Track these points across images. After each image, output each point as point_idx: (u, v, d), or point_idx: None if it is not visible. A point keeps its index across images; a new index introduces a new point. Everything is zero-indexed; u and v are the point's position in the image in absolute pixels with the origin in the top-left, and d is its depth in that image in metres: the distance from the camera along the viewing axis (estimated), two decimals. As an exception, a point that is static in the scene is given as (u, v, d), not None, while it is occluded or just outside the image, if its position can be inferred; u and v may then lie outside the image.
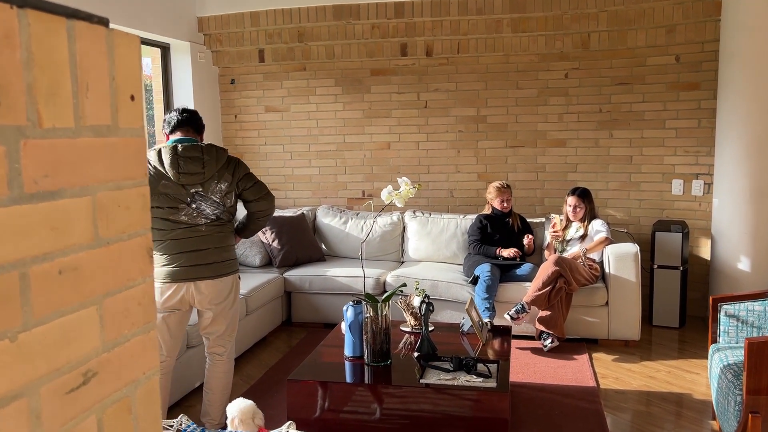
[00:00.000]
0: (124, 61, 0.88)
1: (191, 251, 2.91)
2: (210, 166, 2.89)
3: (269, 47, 5.63)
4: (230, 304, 3.09)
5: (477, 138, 5.46)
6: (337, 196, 5.76)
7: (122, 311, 0.88)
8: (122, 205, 0.88)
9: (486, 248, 4.74)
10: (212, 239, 2.96)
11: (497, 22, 5.14)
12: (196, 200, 2.90)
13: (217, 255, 2.98)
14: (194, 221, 2.91)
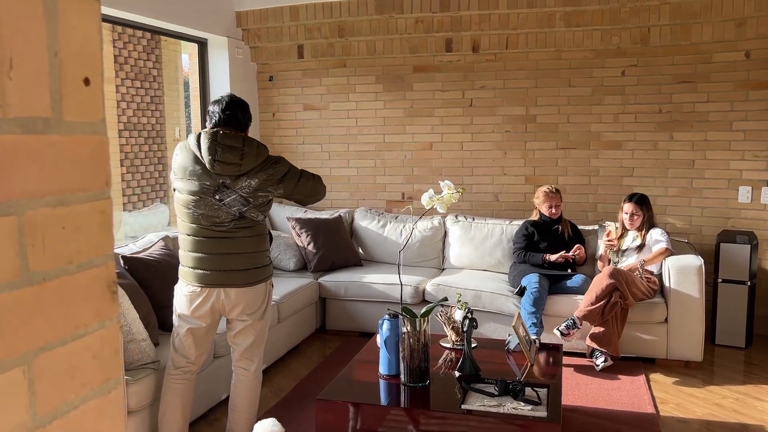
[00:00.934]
0: (74, 30, 0.65)
1: (218, 254, 2.70)
2: (248, 160, 2.66)
3: (308, 43, 5.43)
4: (260, 315, 2.89)
5: (525, 139, 5.15)
6: (376, 198, 5.52)
7: (66, 370, 0.65)
8: (68, 225, 0.65)
9: (532, 255, 4.44)
10: (243, 242, 2.74)
11: (549, 16, 4.82)
12: (221, 191, 2.67)
13: (249, 260, 2.77)
14: (215, 214, 2.68)
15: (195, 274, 2.73)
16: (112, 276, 0.71)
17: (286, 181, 2.78)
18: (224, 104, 2.74)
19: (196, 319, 2.77)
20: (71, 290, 0.65)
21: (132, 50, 6.33)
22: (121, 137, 6.20)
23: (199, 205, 2.68)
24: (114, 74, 6.10)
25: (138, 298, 3.07)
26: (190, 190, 2.68)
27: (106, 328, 0.71)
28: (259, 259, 2.81)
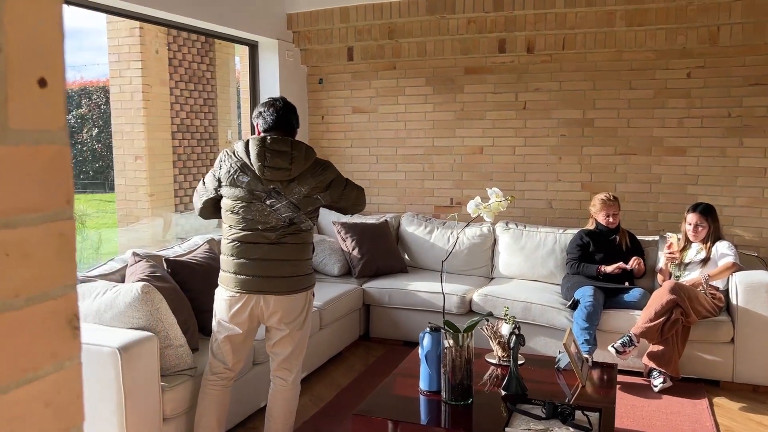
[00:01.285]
0: (25, 22, 0.55)
1: (260, 260, 2.65)
2: (298, 164, 2.63)
3: (358, 45, 5.35)
4: (300, 324, 2.80)
5: (582, 143, 4.92)
6: (424, 203, 5.39)
7: (7, 422, 0.56)
8: (14, 252, 0.55)
9: (586, 266, 4.21)
10: (287, 250, 2.68)
11: (609, 15, 4.58)
12: (272, 197, 2.63)
13: (292, 268, 2.70)
14: (264, 220, 2.64)
15: (236, 279, 2.68)
16: (74, 309, 0.62)
17: (333, 189, 2.74)
18: (279, 107, 2.72)
19: (235, 326, 2.72)
20: (17, 328, 0.55)
21: (186, 53, 6.41)
22: (174, 139, 6.29)
23: (249, 211, 2.64)
24: (168, 76, 6.19)
25: (178, 302, 3.04)
26: (239, 196, 2.65)
27: (65, 369, 0.61)
28: (302, 268, 2.75)
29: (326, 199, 2.75)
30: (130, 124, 5.86)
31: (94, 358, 2.46)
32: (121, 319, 2.67)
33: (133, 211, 5.93)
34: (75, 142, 10.80)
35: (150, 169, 5.87)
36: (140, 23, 5.65)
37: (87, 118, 10.72)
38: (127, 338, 2.51)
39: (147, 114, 5.83)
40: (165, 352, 2.73)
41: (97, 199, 9.61)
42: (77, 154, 10.82)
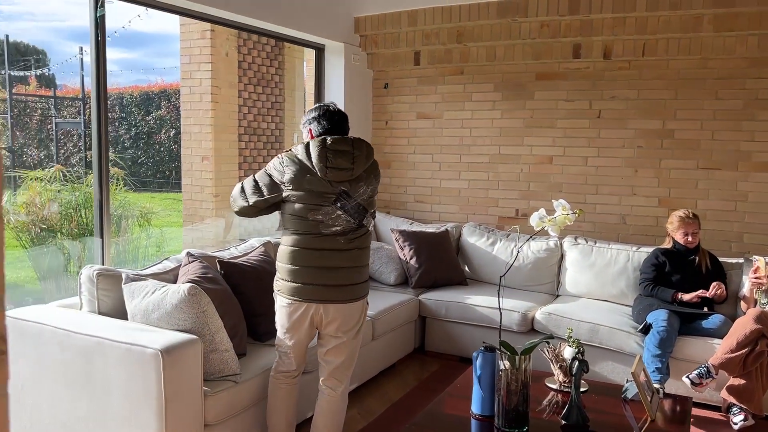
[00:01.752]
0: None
1: (324, 268, 2.61)
2: (360, 163, 2.61)
3: (425, 49, 5.22)
4: (354, 334, 2.77)
5: (660, 156, 4.60)
6: (487, 213, 5.18)
7: None
8: None
9: (661, 290, 3.90)
10: (355, 255, 2.65)
11: (696, 19, 4.26)
12: (341, 199, 2.60)
13: (353, 275, 2.67)
14: (332, 224, 2.59)
15: (295, 288, 2.64)
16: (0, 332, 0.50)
17: (376, 184, 2.76)
18: (334, 110, 2.73)
19: (296, 332, 2.71)
20: None
21: (256, 56, 6.47)
22: (240, 141, 6.34)
23: (316, 215, 2.60)
24: (237, 79, 6.25)
25: (229, 305, 2.98)
26: (306, 201, 2.60)
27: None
28: (362, 275, 2.73)
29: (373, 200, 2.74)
30: (198, 125, 5.94)
31: (136, 359, 2.42)
32: (167, 320, 2.63)
33: (198, 211, 6.00)
34: (153, 143, 11.17)
35: (216, 170, 5.93)
36: (211, 26, 5.74)
37: (165, 120, 11.08)
38: (171, 340, 2.46)
39: (215, 116, 5.89)
40: (210, 357, 2.67)
41: (171, 198, 9.89)
42: (154, 154, 11.18)
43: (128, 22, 7.29)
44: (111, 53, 8.88)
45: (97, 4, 3.32)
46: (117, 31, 7.09)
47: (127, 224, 5.22)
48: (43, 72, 10.52)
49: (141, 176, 10.98)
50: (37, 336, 2.67)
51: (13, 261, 5.46)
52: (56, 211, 4.87)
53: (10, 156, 9.45)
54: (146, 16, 4.82)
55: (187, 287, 2.62)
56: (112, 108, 11.05)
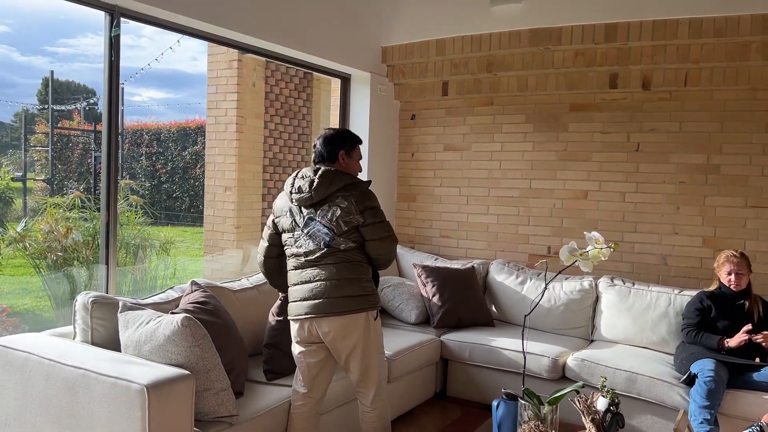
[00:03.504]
0: None
1: (305, 283, 2.74)
2: (319, 189, 2.70)
3: (454, 78, 5.04)
4: (360, 346, 2.75)
5: (705, 192, 4.28)
6: (517, 250, 4.90)
7: None
8: None
9: (706, 336, 3.55)
10: (331, 270, 2.71)
11: (743, 47, 3.99)
12: (309, 225, 2.74)
13: (337, 289, 2.70)
14: (307, 248, 2.74)
15: (292, 306, 2.79)
16: None
17: (367, 216, 2.72)
18: (324, 136, 2.87)
19: (302, 344, 2.81)
20: None
21: (284, 87, 6.40)
22: (265, 172, 6.24)
23: (290, 241, 2.80)
24: (264, 110, 6.18)
25: (227, 339, 2.77)
26: (285, 228, 2.82)
27: None
28: (350, 287, 2.71)
29: (361, 222, 2.71)
30: (222, 155, 5.86)
31: (121, 394, 2.21)
32: (160, 353, 2.43)
33: (218, 242, 5.87)
34: (188, 177, 11.25)
35: (238, 201, 5.81)
36: (238, 56, 5.70)
37: (201, 155, 11.16)
38: (159, 375, 2.25)
39: (239, 146, 5.81)
40: (203, 395, 2.44)
41: (201, 232, 9.85)
42: (189, 189, 11.24)
43: (161, 54, 7.33)
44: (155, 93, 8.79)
45: (112, 24, 3.24)
46: (150, 63, 7.13)
47: (144, 254, 5.10)
48: (90, 107, 10.79)
49: (175, 210, 11.04)
50: (23, 366, 2.50)
51: (30, 288, 5.38)
52: (79, 240, 4.79)
53: (49, 187, 9.60)
54: (182, 50, 4.78)
55: (181, 318, 2.42)
56: (150, 143, 11.24)
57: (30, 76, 7.71)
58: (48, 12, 8.91)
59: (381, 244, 2.75)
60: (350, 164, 2.84)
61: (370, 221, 2.71)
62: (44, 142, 10.05)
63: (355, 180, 2.77)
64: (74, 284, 4.51)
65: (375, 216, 2.73)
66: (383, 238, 2.75)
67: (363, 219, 2.70)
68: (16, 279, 5.39)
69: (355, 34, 4.93)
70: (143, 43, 16.03)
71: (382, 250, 2.76)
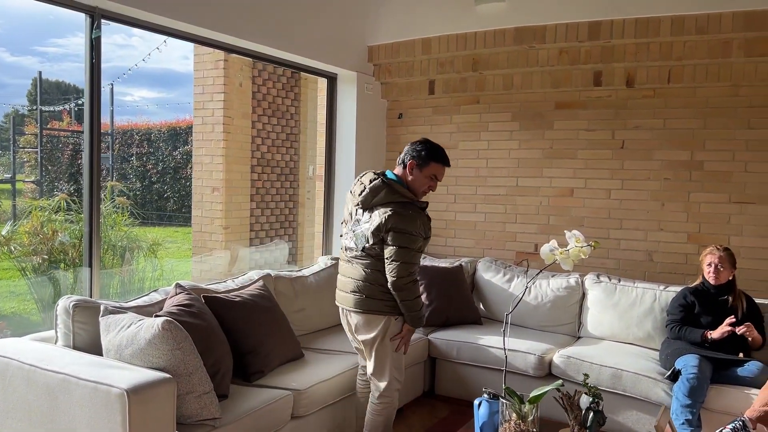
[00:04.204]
0: None
1: (345, 276, 3.06)
2: (366, 198, 2.95)
3: (440, 77, 5.05)
4: (371, 344, 2.99)
5: (689, 189, 4.30)
6: (504, 248, 4.91)
7: None
8: None
9: (689, 330, 3.57)
10: (364, 272, 2.95)
11: (725, 44, 4.01)
12: (357, 225, 3.00)
13: (367, 290, 2.94)
14: (349, 245, 3.03)
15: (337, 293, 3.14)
16: None
17: (391, 234, 2.84)
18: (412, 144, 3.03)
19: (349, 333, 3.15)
20: None
21: (271, 87, 6.38)
22: (253, 172, 6.22)
23: (344, 230, 3.12)
24: (251, 110, 6.16)
25: (211, 341, 2.77)
26: (345, 216, 3.14)
27: None
28: (372, 291, 2.93)
29: (385, 245, 2.88)
30: (209, 155, 5.84)
31: (102, 399, 2.21)
32: (141, 356, 2.42)
33: (207, 243, 5.85)
34: (180, 177, 11.21)
35: (226, 202, 5.80)
36: (225, 56, 5.68)
37: (191, 155, 11.15)
38: (140, 379, 2.25)
39: (227, 146, 5.79)
40: (185, 398, 2.44)
41: (186, 232, 9.81)
42: (180, 189, 11.21)
43: (148, 55, 7.31)
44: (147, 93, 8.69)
45: (93, 26, 3.22)
46: (137, 64, 7.10)
47: (132, 255, 5.08)
48: (79, 108, 10.74)
49: (166, 210, 11.01)
50: (4, 371, 2.49)
51: (17, 291, 5.36)
52: (66, 242, 4.77)
53: (38, 189, 9.53)
54: (172, 49, 4.76)
55: (161, 321, 2.41)
56: (141, 143, 11.19)
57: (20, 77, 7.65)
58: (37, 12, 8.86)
59: (392, 266, 2.84)
60: (417, 178, 2.93)
61: (392, 243, 2.83)
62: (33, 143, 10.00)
63: (400, 201, 2.87)
64: (59, 287, 4.49)
65: (398, 240, 2.82)
66: (396, 261, 2.83)
67: (387, 237, 2.84)
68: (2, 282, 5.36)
69: (341, 33, 4.93)
70: (134, 42, 16.02)
71: (394, 273, 2.84)
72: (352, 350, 3.60)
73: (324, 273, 4.27)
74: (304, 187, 6.68)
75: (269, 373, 3.14)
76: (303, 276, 4.10)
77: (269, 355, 3.14)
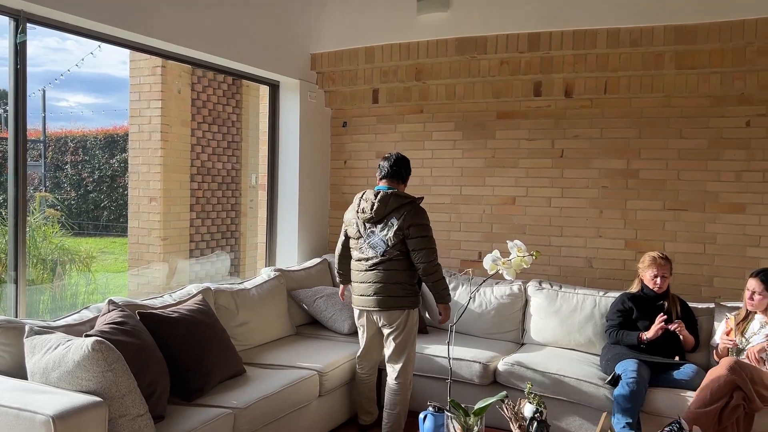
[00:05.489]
0: None
1: (364, 282, 3.51)
2: (378, 210, 3.44)
3: (384, 86, 5.04)
4: (396, 334, 3.52)
5: (626, 196, 4.42)
6: (449, 256, 4.93)
7: None
8: None
9: (626, 334, 3.67)
10: (383, 275, 3.45)
11: (657, 57, 4.15)
12: (369, 237, 3.49)
13: (386, 289, 3.46)
14: (364, 254, 3.51)
15: (355, 298, 3.61)
16: None
17: (413, 229, 3.42)
18: (391, 163, 3.56)
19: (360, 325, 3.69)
20: None
21: (211, 94, 6.24)
22: (193, 182, 6.05)
23: (355, 246, 3.59)
24: (191, 117, 6.00)
25: (147, 360, 2.65)
26: (351, 234, 3.60)
27: None
28: (393, 290, 3.46)
29: (409, 240, 3.42)
30: (146, 164, 5.65)
31: (25, 427, 2.07)
32: (69, 380, 2.29)
33: (144, 255, 5.65)
34: (117, 186, 10.83)
35: (164, 212, 5.61)
36: (162, 62, 5.51)
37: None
38: (67, 404, 2.12)
39: (165, 154, 5.61)
40: (118, 422, 2.32)
41: (125, 243, 9.48)
42: (118, 198, 10.84)
43: (81, 60, 7.04)
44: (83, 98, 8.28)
45: (17, 30, 3.06)
46: (70, 69, 6.81)
47: (64, 269, 4.85)
48: (7, 114, 10.22)
49: (103, 220, 10.61)
50: None
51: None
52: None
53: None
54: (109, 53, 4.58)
55: (91, 342, 2.29)
56: (76, 151, 10.76)
57: (-52, 81, 7.19)
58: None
59: (420, 254, 3.42)
60: (406, 186, 3.64)
61: (415, 235, 3.40)
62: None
63: (408, 199, 3.46)
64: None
65: (419, 231, 3.42)
66: (422, 249, 3.41)
67: (409, 233, 3.38)
68: None
69: (283, 40, 4.86)
70: (69, 46, 15.35)
71: (422, 260, 3.42)
72: (296, 365, 3.54)
73: (267, 285, 4.17)
74: (246, 196, 6.54)
75: (209, 391, 3.03)
76: (245, 289, 4.00)
77: (209, 373, 3.03)
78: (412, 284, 3.51)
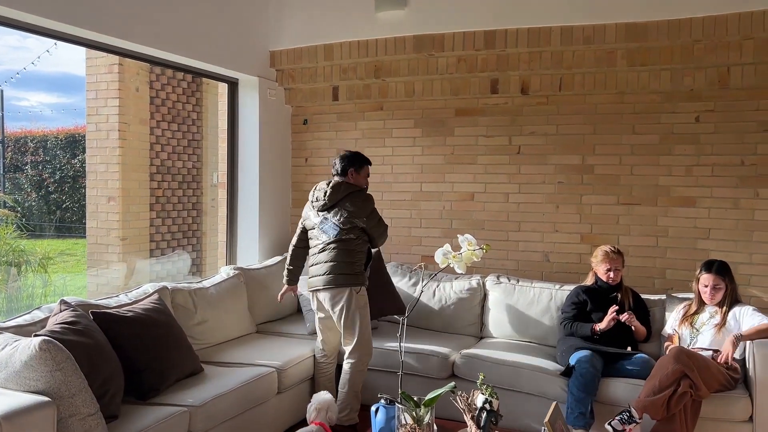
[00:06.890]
0: None
1: (317, 264, 3.69)
2: (332, 197, 3.69)
3: (344, 84, 5.05)
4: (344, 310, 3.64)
5: (581, 192, 4.51)
6: (410, 252, 4.97)
7: None
8: None
9: (580, 326, 3.75)
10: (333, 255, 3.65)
11: (609, 54, 4.25)
12: (322, 224, 3.71)
13: (335, 269, 3.63)
14: (319, 240, 3.72)
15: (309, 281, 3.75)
16: None
17: (370, 217, 3.74)
18: (342, 158, 3.82)
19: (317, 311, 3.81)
20: None
21: (171, 92, 6.16)
22: (152, 181, 5.97)
23: (312, 236, 3.79)
24: (149, 116, 5.93)
25: (99, 360, 2.62)
26: (308, 226, 3.84)
27: None
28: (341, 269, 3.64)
29: (367, 225, 3.71)
30: (104, 164, 5.56)
31: (-31, 429, 2.04)
32: (16, 380, 2.26)
33: (103, 256, 5.57)
34: (79, 187, 10.63)
35: (123, 212, 5.53)
36: (119, 59, 5.43)
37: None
38: (14, 404, 2.10)
39: (123, 153, 5.53)
40: (68, 422, 2.29)
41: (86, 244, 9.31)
42: (80, 198, 10.64)
43: (37, 58, 6.89)
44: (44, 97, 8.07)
45: (-38, 26, 2.99)
46: (26, 67, 6.66)
47: (19, 271, 4.75)
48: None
49: (65, 221, 10.41)
50: None
51: None
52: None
53: None
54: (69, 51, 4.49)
55: (38, 341, 2.26)
56: (36, 151, 10.53)
57: None
58: None
59: (376, 229, 3.76)
60: (358, 179, 3.79)
61: (373, 219, 3.74)
62: None
63: (356, 188, 3.73)
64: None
65: (373, 216, 3.75)
66: (378, 225, 3.77)
67: (366, 218, 3.68)
68: None
69: (241, 38, 4.83)
70: (29, 44, 15.01)
71: (377, 233, 3.78)
72: (255, 362, 3.54)
73: (226, 284, 4.16)
74: (207, 195, 6.49)
75: (165, 390, 3.01)
76: (203, 288, 3.98)
77: (164, 372, 3.01)
78: (359, 265, 3.68)
